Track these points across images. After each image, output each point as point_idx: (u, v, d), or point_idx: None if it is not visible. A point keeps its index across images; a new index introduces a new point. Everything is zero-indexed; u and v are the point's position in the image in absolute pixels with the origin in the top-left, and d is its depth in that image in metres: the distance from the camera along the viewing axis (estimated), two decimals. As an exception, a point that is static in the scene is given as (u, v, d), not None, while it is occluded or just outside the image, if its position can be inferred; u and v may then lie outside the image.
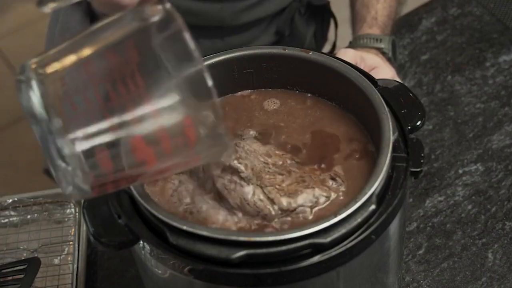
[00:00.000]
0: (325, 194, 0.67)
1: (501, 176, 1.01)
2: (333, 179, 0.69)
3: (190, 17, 1.06)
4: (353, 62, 0.94)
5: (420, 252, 0.94)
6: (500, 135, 1.06)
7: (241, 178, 0.68)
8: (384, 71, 0.96)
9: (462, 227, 0.96)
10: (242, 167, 0.68)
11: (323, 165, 0.71)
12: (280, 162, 0.70)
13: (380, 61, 0.97)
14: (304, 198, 0.66)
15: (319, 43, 1.29)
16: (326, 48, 1.34)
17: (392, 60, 1.03)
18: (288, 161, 0.71)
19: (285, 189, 0.67)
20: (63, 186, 0.58)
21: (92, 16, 1.11)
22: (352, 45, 1.04)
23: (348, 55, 0.95)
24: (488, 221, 0.97)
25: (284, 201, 0.66)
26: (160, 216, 0.61)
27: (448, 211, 0.98)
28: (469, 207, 0.98)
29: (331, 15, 1.27)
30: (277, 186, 0.67)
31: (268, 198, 0.67)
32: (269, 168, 0.69)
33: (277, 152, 0.72)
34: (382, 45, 1.02)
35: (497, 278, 0.90)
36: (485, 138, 1.06)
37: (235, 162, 0.69)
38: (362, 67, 0.95)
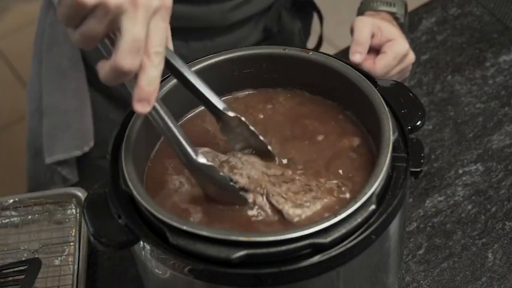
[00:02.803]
0: (335, 206, 0.67)
1: (501, 176, 1.01)
2: (339, 187, 0.68)
3: (181, 21, 1.06)
4: (371, 32, 0.95)
5: (420, 252, 0.94)
6: (500, 135, 1.06)
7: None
8: (400, 45, 0.95)
9: (462, 227, 0.96)
10: (236, 177, 0.67)
11: (324, 169, 0.70)
12: (280, 173, 0.70)
13: (397, 33, 0.96)
14: (313, 211, 0.66)
15: (303, 38, 1.28)
16: (312, 42, 1.32)
17: (404, 26, 1.02)
18: (290, 172, 0.70)
19: (293, 198, 0.66)
20: None
21: None
22: (362, 8, 1.03)
23: (367, 24, 0.94)
24: (488, 221, 0.97)
25: (293, 213, 0.65)
26: (160, 216, 0.61)
27: (448, 211, 0.98)
28: (469, 207, 0.98)
29: (316, 8, 1.26)
30: (284, 195, 0.66)
31: (274, 209, 0.66)
32: (269, 178, 0.69)
33: (276, 165, 0.71)
34: (394, 10, 1.00)
35: (497, 278, 0.90)
36: (485, 138, 1.06)
37: (230, 173, 0.68)
38: (378, 37, 0.95)
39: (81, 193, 1.00)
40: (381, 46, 0.96)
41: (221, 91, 0.78)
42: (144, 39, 0.57)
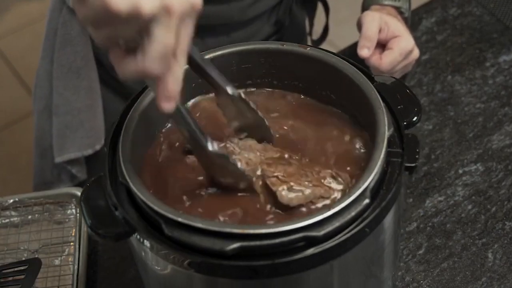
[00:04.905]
0: (326, 195, 0.67)
1: (501, 176, 1.01)
2: (334, 177, 0.68)
3: (199, 19, 1.07)
4: (379, 27, 0.95)
5: (420, 252, 0.94)
6: (500, 135, 1.06)
7: None
8: (406, 41, 0.96)
9: (462, 227, 0.96)
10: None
11: (321, 161, 0.71)
12: (277, 155, 0.70)
13: (403, 29, 0.98)
14: (306, 196, 0.66)
15: (309, 29, 1.29)
16: (315, 32, 1.32)
17: (408, 20, 1.02)
18: (286, 156, 0.71)
19: (287, 179, 0.67)
20: None
21: None
22: (368, 2, 1.03)
23: (376, 19, 0.95)
24: (488, 221, 0.96)
25: (286, 195, 0.66)
26: (156, 208, 0.61)
27: (448, 211, 0.98)
28: (469, 207, 0.98)
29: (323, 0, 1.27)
30: (280, 177, 0.67)
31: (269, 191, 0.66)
32: (266, 160, 0.69)
33: (274, 148, 0.72)
34: (399, 4, 1.02)
35: (497, 278, 0.90)
36: (485, 138, 1.06)
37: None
38: (385, 33, 0.96)
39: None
40: (387, 42, 0.97)
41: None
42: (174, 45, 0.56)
